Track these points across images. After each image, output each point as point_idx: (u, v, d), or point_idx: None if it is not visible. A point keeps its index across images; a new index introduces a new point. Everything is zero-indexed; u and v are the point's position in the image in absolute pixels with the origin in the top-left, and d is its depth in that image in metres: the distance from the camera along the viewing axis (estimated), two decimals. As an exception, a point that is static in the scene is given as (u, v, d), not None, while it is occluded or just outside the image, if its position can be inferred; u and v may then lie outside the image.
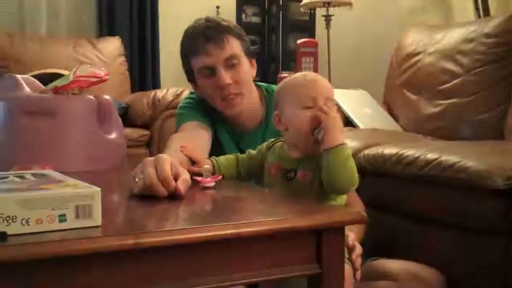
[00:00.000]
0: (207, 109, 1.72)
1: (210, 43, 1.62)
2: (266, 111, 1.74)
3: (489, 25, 2.91)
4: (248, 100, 1.68)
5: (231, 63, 1.63)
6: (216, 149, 1.64)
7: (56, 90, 1.61)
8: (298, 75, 1.42)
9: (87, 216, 0.84)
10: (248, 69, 1.68)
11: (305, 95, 1.32)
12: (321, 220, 0.99)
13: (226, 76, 1.61)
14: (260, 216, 1.02)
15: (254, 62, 1.74)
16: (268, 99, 1.75)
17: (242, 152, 1.56)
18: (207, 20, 1.68)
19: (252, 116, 1.72)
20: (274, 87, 1.79)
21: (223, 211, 1.08)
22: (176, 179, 1.10)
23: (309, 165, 1.31)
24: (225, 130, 1.73)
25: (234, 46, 1.65)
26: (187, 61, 1.69)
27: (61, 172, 1.06)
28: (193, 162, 1.43)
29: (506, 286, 1.78)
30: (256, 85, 1.77)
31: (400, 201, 2.17)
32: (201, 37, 1.63)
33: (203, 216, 1.05)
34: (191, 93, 1.80)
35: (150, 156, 1.19)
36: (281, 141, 1.42)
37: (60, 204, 0.82)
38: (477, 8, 3.87)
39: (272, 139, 1.45)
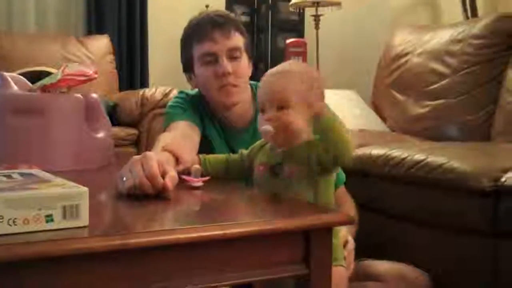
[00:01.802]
0: (197, 107, 1.71)
1: (218, 31, 1.63)
2: (256, 110, 1.74)
3: (477, 26, 2.93)
4: (242, 95, 1.68)
5: (233, 55, 1.64)
6: (206, 148, 1.63)
7: (44, 89, 1.60)
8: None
9: (74, 217, 0.84)
10: (247, 66, 1.69)
11: (259, 97, 1.33)
12: (309, 221, 0.99)
13: (228, 65, 1.62)
14: (248, 217, 1.02)
15: (251, 64, 1.74)
16: (256, 98, 1.75)
17: (232, 151, 1.56)
18: (216, 11, 1.71)
19: (243, 113, 1.71)
20: None
21: (210, 212, 1.08)
22: (163, 176, 1.10)
23: (297, 160, 1.28)
24: (215, 129, 1.72)
25: (240, 40, 1.66)
26: (189, 48, 1.69)
27: (48, 171, 1.06)
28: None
29: (492, 287, 1.79)
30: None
31: (387, 202, 2.18)
32: (209, 23, 1.64)
33: (191, 216, 1.05)
34: (180, 92, 1.79)
35: (138, 155, 1.19)
36: None
37: (47, 204, 0.82)
38: (465, 9, 3.89)
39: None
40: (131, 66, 4.16)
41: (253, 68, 1.76)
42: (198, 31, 1.65)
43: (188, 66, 1.72)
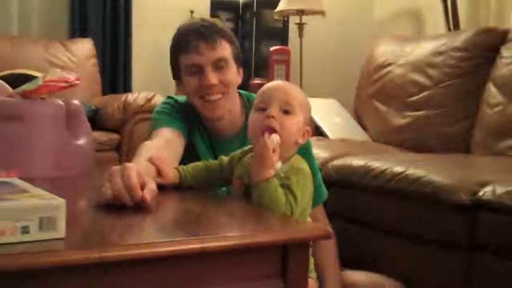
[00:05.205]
0: (184, 114, 1.70)
1: (203, 42, 1.61)
2: (245, 120, 1.73)
3: (459, 39, 2.96)
4: (230, 105, 1.67)
5: (219, 65, 1.62)
6: (191, 155, 1.63)
7: (24, 95, 1.59)
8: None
9: (51, 228, 0.83)
10: (235, 75, 1.67)
11: (262, 97, 1.34)
12: (287, 235, 1.00)
13: (212, 77, 1.61)
14: (226, 230, 1.02)
15: (241, 71, 1.72)
16: (248, 107, 1.74)
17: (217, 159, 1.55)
18: (203, 19, 1.68)
19: (232, 123, 1.70)
20: (255, 96, 1.79)
21: (189, 224, 1.07)
22: (142, 188, 1.10)
23: None
24: (201, 137, 1.71)
25: (226, 49, 1.64)
26: (176, 57, 1.68)
27: (28, 178, 1.05)
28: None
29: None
30: (238, 93, 1.76)
31: (366, 213, 2.19)
32: (195, 34, 1.62)
33: (169, 229, 1.05)
34: (168, 97, 1.77)
35: (119, 160, 1.18)
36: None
37: (23, 216, 0.81)
38: (447, 21, 3.92)
39: (247, 148, 1.42)
40: (115, 70, 4.14)
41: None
42: (184, 42, 1.64)
43: (176, 74, 1.71)
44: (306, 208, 1.32)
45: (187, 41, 1.63)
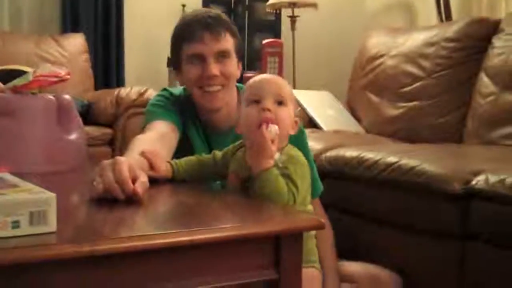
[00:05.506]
0: (179, 107, 1.69)
1: (207, 33, 1.60)
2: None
3: (451, 30, 2.96)
4: (229, 98, 1.66)
5: (221, 57, 1.62)
6: (187, 148, 1.62)
7: (15, 90, 1.59)
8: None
9: (41, 223, 0.83)
10: (235, 67, 1.67)
11: (253, 90, 1.33)
12: (280, 226, 1.00)
13: (214, 68, 1.60)
14: (218, 222, 1.02)
15: (240, 65, 1.71)
16: None
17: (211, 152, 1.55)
18: (208, 11, 1.68)
19: (228, 116, 1.69)
20: None
21: (181, 217, 1.07)
22: (134, 181, 1.10)
23: None
24: (196, 130, 1.70)
25: (229, 42, 1.64)
26: (178, 46, 1.67)
27: (19, 173, 1.05)
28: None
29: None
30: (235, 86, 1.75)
31: (360, 203, 2.19)
32: (200, 25, 1.61)
33: (160, 222, 1.05)
34: (163, 89, 1.76)
35: (112, 155, 1.18)
36: None
37: (13, 210, 0.81)
38: (439, 12, 3.93)
39: (238, 142, 1.41)
40: (107, 65, 4.13)
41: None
42: (188, 31, 1.63)
43: (176, 63, 1.70)
44: (306, 196, 1.33)
45: (191, 31, 1.62)
